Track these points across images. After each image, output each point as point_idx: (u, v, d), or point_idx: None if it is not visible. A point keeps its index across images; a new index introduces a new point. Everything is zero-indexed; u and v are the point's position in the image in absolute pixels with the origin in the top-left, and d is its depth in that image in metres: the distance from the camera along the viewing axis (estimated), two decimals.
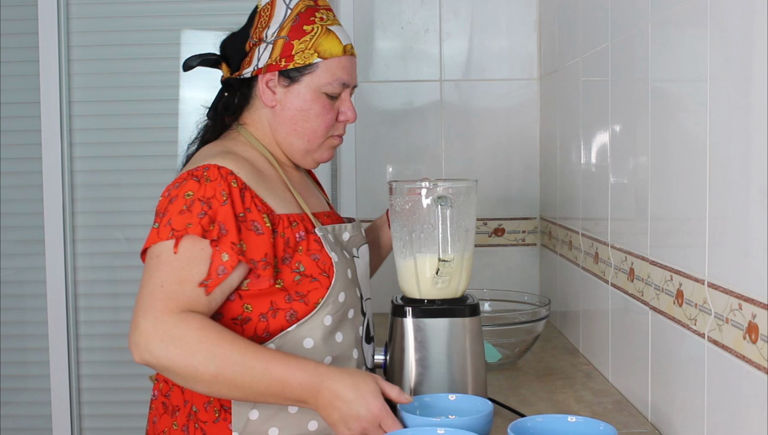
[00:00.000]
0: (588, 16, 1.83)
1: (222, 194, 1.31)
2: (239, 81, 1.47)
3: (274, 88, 1.44)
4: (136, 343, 1.24)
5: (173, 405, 1.42)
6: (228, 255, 1.28)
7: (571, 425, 1.16)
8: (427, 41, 2.46)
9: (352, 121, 1.50)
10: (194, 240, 1.28)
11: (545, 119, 2.37)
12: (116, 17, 2.56)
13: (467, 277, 1.47)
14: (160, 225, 1.30)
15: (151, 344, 1.23)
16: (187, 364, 1.23)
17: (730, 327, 1.09)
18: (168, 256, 1.28)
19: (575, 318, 1.98)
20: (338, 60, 1.43)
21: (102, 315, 2.62)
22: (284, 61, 1.42)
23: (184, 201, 1.31)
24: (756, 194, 1.00)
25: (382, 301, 2.41)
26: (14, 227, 2.64)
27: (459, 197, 1.45)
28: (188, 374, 1.23)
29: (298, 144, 1.46)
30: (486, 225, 2.48)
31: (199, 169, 1.34)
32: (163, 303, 1.25)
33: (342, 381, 1.24)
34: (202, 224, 1.28)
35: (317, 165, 1.53)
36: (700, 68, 1.17)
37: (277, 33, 1.42)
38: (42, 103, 2.52)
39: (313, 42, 1.42)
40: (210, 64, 1.50)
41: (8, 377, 2.65)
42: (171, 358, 1.23)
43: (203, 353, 1.23)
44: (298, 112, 1.44)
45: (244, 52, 1.46)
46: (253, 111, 1.48)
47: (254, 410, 1.35)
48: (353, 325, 1.43)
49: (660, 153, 1.36)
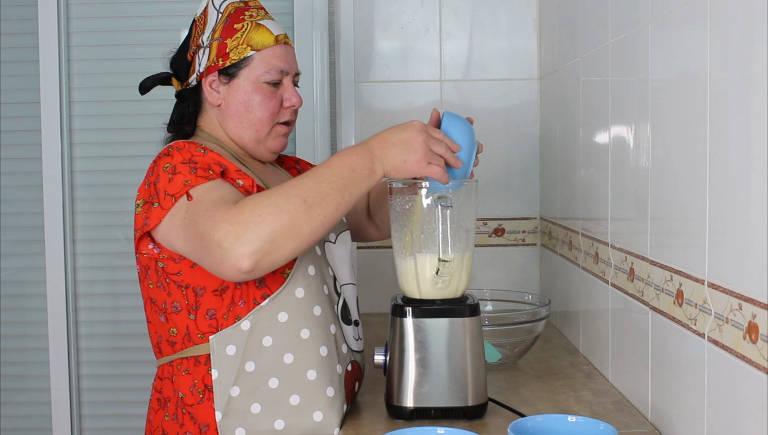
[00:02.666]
0: (588, 16, 1.83)
1: (198, 150, 1.38)
2: (189, 90, 1.55)
3: (217, 88, 1.52)
4: (231, 248, 1.24)
5: (165, 398, 1.46)
6: (242, 180, 1.35)
7: (571, 425, 1.16)
8: (427, 41, 2.46)
9: (297, 105, 1.56)
10: (203, 186, 1.33)
11: (545, 119, 2.37)
12: (116, 17, 2.56)
13: (467, 277, 1.47)
14: (160, 202, 1.33)
15: (241, 234, 1.24)
16: (279, 217, 1.25)
17: (730, 327, 1.09)
18: (190, 205, 1.31)
19: (575, 318, 1.98)
20: (271, 49, 1.52)
21: (102, 315, 2.62)
22: (221, 60, 1.50)
23: (166, 173, 1.36)
24: (756, 194, 1.00)
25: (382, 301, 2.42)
26: (14, 227, 2.64)
27: (459, 197, 1.45)
28: (289, 222, 1.26)
29: (247, 135, 1.53)
30: (486, 225, 2.48)
31: (163, 150, 1.42)
32: (219, 211, 1.27)
33: (382, 131, 1.37)
34: (199, 175, 1.33)
35: (274, 155, 1.58)
36: (700, 68, 1.17)
37: (211, 36, 1.51)
38: (42, 103, 2.52)
39: (245, 37, 1.50)
40: (162, 82, 1.60)
41: (8, 377, 2.65)
42: (264, 223, 1.24)
43: (280, 200, 1.26)
44: (241, 104, 1.51)
45: (188, 63, 1.55)
46: (205, 115, 1.56)
47: (235, 387, 1.38)
48: (329, 301, 1.47)
49: (660, 153, 1.36)
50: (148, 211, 1.37)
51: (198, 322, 1.41)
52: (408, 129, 1.35)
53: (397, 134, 1.36)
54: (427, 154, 1.35)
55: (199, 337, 1.41)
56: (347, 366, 1.48)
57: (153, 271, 1.43)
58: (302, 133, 2.50)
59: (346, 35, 2.46)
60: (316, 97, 2.50)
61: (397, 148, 1.34)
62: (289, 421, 1.40)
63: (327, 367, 1.42)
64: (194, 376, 1.42)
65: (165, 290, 1.42)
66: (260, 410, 1.39)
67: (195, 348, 1.42)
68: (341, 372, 1.46)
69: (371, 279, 2.49)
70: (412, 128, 1.35)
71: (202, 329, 1.41)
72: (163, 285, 1.42)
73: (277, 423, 1.40)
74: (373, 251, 2.48)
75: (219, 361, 1.39)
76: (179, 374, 1.43)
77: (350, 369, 1.49)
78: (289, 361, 1.40)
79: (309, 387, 1.41)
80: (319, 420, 1.41)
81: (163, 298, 1.43)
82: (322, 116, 2.49)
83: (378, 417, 1.47)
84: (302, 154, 2.48)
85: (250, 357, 1.39)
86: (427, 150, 1.35)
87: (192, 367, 1.42)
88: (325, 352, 1.42)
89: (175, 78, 1.59)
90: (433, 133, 1.37)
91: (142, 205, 1.40)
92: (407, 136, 1.35)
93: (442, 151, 1.37)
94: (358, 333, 1.56)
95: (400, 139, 1.35)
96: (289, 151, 2.50)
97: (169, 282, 1.41)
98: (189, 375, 1.42)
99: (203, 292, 1.40)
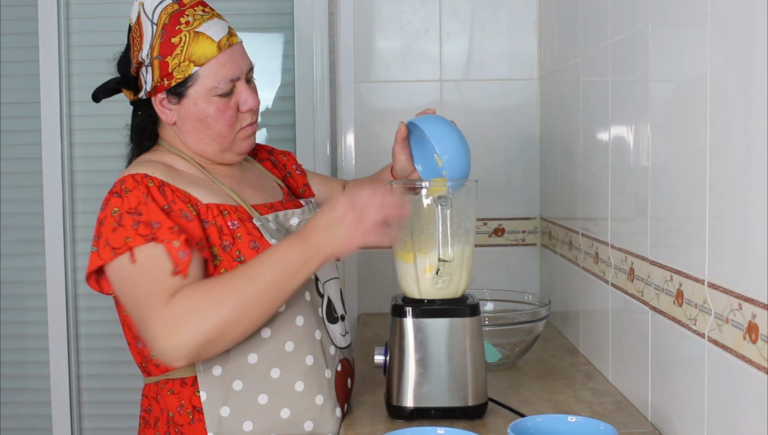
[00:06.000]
0: (588, 16, 1.83)
1: (143, 196, 1.34)
2: (143, 102, 1.48)
3: (168, 107, 1.45)
4: (163, 349, 1.28)
5: (154, 417, 1.45)
6: (177, 240, 1.31)
7: (571, 425, 1.16)
8: (427, 41, 2.46)
9: (254, 107, 1.48)
10: (142, 249, 1.31)
11: (545, 119, 2.37)
12: (116, 17, 2.55)
13: (467, 277, 1.47)
14: (99, 247, 1.34)
15: (173, 339, 1.26)
16: (212, 323, 1.27)
17: (730, 327, 1.09)
18: (132, 269, 1.31)
19: (575, 318, 1.98)
20: (216, 60, 1.42)
21: (102, 315, 2.61)
22: (166, 80, 1.42)
23: (113, 218, 1.34)
24: (756, 194, 1.00)
25: (383, 301, 2.42)
26: (14, 227, 2.64)
27: (459, 197, 1.45)
28: (221, 328, 1.27)
29: (210, 149, 1.48)
30: (486, 225, 2.48)
31: (116, 186, 1.38)
32: (156, 304, 1.29)
33: (315, 216, 1.34)
34: (139, 233, 1.31)
35: (241, 157, 1.53)
36: (700, 68, 1.17)
37: (150, 54, 1.42)
38: (42, 103, 2.52)
39: (185, 53, 1.40)
40: (114, 93, 1.53)
41: (8, 377, 2.65)
42: (196, 331, 1.27)
43: (213, 304, 1.28)
44: (197, 121, 1.45)
45: (134, 76, 1.48)
46: (162, 128, 1.51)
47: (225, 407, 1.38)
48: (312, 306, 1.45)
49: (660, 153, 1.36)
50: (91, 254, 1.35)
51: None
52: (334, 209, 1.31)
53: (322, 217, 1.32)
54: (360, 226, 1.30)
55: None
56: (336, 367, 1.48)
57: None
58: (302, 133, 2.50)
59: (346, 35, 2.45)
60: (316, 97, 2.50)
61: (326, 231, 1.31)
62: (281, 434, 1.40)
63: (314, 375, 1.42)
64: (180, 397, 1.41)
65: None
66: (252, 428, 1.39)
67: (181, 369, 1.40)
68: (330, 376, 1.45)
69: (371, 279, 2.49)
70: (337, 208, 1.31)
71: None
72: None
73: None
74: (373, 251, 2.48)
75: (206, 382, 1.38)
76: (164, 394, 1.42)
77: (340, 369, 1.49)
78: (276, 376, 1.40)
79: (298, 398, 1.41)
80: (310, 429, 1.41)
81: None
82: (322, 116, 2.49)
83: (378, 417, 1.47)
84: (302, 154, 2.48)
85: (237, 375, 1.39)
86: (358, 223, 1.30)
87: (177, 387, 1.41)
88: (312, 361, 1.42)
89: (125, 87, 1.51)
90: (360, 200, 1.31)
91: (92, 241, 1.37)
92: (333, 216, 1.31)
93: (378, 216, 1.31)
94: (345, 328, 1.55)
95: (326, 222, 1.31)
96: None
97: None
98: (174, 395, 1.41)
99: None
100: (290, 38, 2.54)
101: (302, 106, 2.51)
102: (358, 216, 1.30)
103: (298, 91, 2.51)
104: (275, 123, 2.57)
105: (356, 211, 1.30)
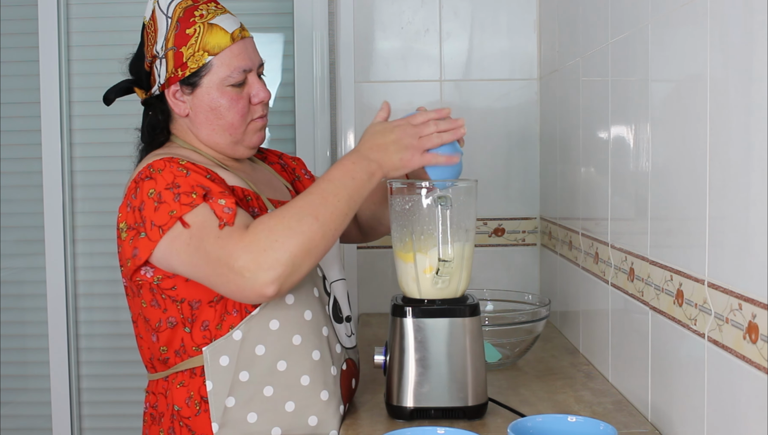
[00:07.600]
0: (588, 16, 1.83)
1: (180, 171, 1.36)
2: (155, 98, 1.51)
3: (181, 98, 1.48)
4: (254, 276, 1.27)
5: (159, 413, 1.45)
6: (224, 199, 1.32)
7: (571, 425, 1.16)
8: (427, 41, 2.46)
9: (265, 99, 1.52)
10: (191, 214, 1.32)
11: (545, 119, 2.37)
12: (116, 17, 2.56)
13: (467, 277, 1.47)
14: (147, 232, 1.33)
15: (262, 261, 1.26)
16: (296, 239, 1.28)
17: (730, 327, 1.09)
18: (189, 232, 1.31)
19: (575, 318, 1.98)
20: (229, 50, 1.46)
21: (102, 315, 2.62)
22: (180, 70, 1.45)
23: (151, 199, 1.34)
24: (756, 194, 1.00)
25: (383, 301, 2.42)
26: (14, 227, 2.64)
27: (459, 197, 1.45)
28: (306, 243, 1.29)
29: (222, 140, 1.49)
30: (486, 225, 2.48)
31: (143, 172, 1.38)
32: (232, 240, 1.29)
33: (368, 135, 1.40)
34: (183, 203, 1.32)
35: (252, 151, 1.55)
36: (700, 68, 1.17)
37: (164, 46, 1.46)
38: (42, 103, 2.52)
39: (199, 43, 1.45)
40: (125, 93, 1.55)
41: (8, 377, 2.65)
42: (282, 248, 1.27)
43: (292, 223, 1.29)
44: (210, 112, 1.47)
45: (147, 72, 1.50)
46: (175, 123, 1.52)
47: (230, 398, 1.39)
48: (320, 303, 1.46)
49: (660, 153, 1.36)
50: (135, 240, 1.35)
51: (193, 334, 1.40)
52: (396, 129, 1.38)
53: (387, 136, 1.38)
54: (422, 143, 1.38)
55: (194, 349, 1.41)
56: (342, 365, 1.49)
57: (147, 289, 1.41)
58: (302, 134, 2.50)
59: (346, 35, 2.45)
60: (316, 97, 2.50)
61: (391, 148, 1.37)
62: (285, 427, 1.41)
63: (320, 370, 1.43)
64: (189, 389, 1.41)
65: (160, 308, 1.41)
66: (256, 419, 1.40)
67: (190, 360, 1.41)
68: (336, 373, 1.46)
69: (371, 279, 2.49)
70: (400, 128, 1.38)
71: (197, 341, 1.40)
72: (158, 302, 1.41)
73: (274, 431, 1.40)
74: (373, 251, 2.48)
75: (213, 372, 1.39)
76: (173, 388, 1.42)
77: (345, 368, 1.49)
78: (283, 368, 1.40)
79: (303, 392, 1.41)
80: (314, 424, 1.42)
81: (158, 316, 1.41)
82: (322, 116, 2.49)
83: (378, 417, 1.47)
84: (302, 154, 2.48)
85: (244, 366, 1.39)
86: (419, 141, 1.38)
87: (187, 379, 1.41)
88: (318, 356, 1.43)
89: (137, 86, 1.54)
90: (417, 119, 1.40)
91: (126, 230, 1.37)
92: (397, 135, 1.37)
93: (434, 131, 1.39)
94: (351, 329, 1.55)
95: (392, 140, 1.37)
96: (290, 151, 2.51)
97: (165, 298, 1.40)
98: (184, 387, 1.41)
99: (199, 304, 1.39)
100: (290, 38, 2.54)
101: (302, 106, 2.51)
102: (419, 132, 1.38)
103: (298, 91, 2.51)
104: (275, 123, 2.57)
105: (417, 129, 1.38)
